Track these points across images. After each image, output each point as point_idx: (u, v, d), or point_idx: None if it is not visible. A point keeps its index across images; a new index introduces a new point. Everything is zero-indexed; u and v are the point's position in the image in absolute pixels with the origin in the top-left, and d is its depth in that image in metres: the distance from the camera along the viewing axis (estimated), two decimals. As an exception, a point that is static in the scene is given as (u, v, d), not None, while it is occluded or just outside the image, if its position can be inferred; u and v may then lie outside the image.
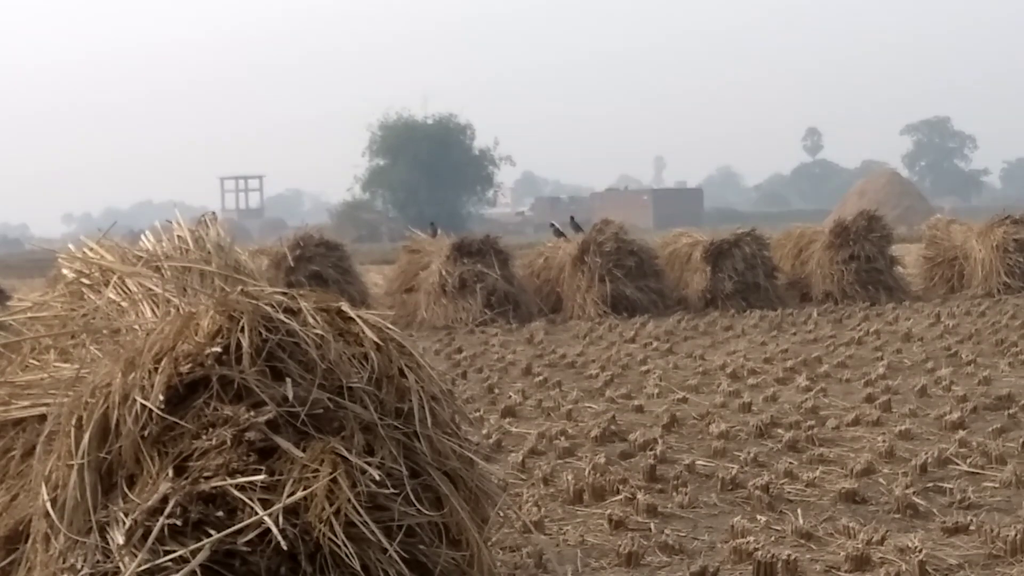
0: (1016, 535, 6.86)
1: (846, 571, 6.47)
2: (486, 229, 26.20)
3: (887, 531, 7.24)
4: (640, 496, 8.10)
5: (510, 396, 12.91)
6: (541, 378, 14.43)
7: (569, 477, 8.56)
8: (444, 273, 22.57)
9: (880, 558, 6.61)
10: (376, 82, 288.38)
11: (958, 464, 9.15)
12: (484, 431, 10.44)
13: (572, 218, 29.61)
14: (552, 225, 29.27)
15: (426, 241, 24.61)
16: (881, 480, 8.68)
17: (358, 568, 4.90)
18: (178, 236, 6.16)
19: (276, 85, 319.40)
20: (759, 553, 6.50)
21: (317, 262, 22.72)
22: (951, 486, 8.44)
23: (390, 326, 5.50)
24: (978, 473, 8.91)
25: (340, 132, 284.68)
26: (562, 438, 10.34)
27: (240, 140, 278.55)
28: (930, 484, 8.57)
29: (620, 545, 6.83)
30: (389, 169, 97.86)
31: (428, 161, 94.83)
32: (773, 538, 7.11)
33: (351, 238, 28.24)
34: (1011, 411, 11.35)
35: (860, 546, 6.78)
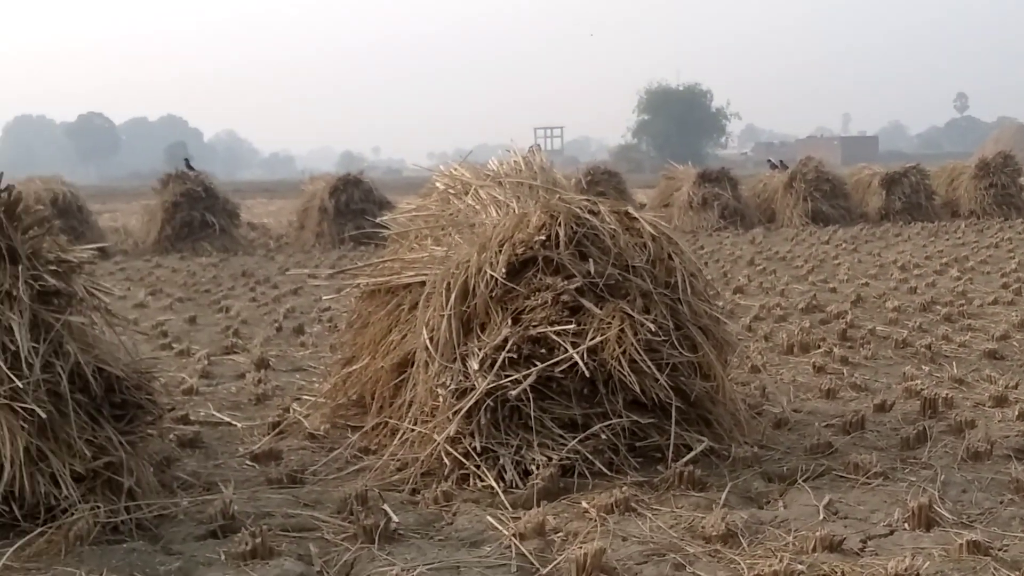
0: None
1: (989, 407, 6.22)
2: (719, 165, 25.75)
3: (1020, 379, 6.94)
4: (835, 350, 7.92)
5: (739, 279, 12.71)
6: (761, 267, 14.18)
7: (783, 335, 8.41)
8: (691, 193, 22.49)
9: (1015, 398, 6.34)
10: (643, 53, 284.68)
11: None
12: (720, 303, 10.33)
13: (776, 160, 29.14)
14: (769, 161, 28.98)
15: (679, 170, 24.39)
16: (1014, 343, 8.30)
17: (638, 391, 4.90)
18: (513, 161, 6.18)
19: (573, 53, 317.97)
20: (924, 392, 6.30)
21: (602, 184, 22.64)
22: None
23: (662, 224, 5.46)
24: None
25: (616, 92, 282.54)
26: (777, 309, 10.14)
27: (548, 98, 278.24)
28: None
29: (821, 384, 6.69)
30: (651, 122, 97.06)
31: (679, 116, 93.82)
32: (934, 382, 6.87)
33: (623, 170, 28.00)
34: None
35: (1000, 389, 6.51)
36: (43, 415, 4.07)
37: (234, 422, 6.17)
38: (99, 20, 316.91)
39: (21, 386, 4.06)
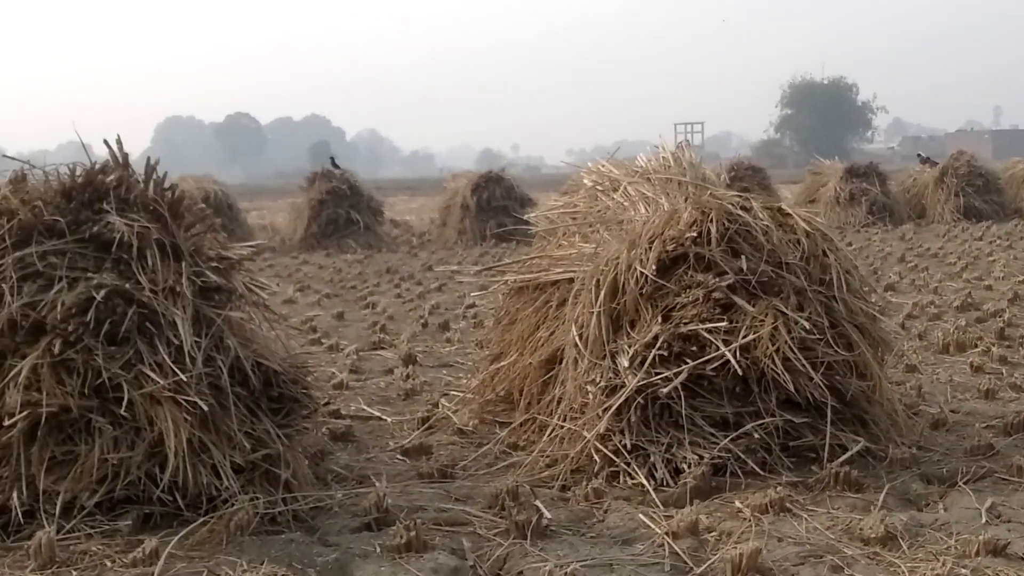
0: None
1: None
2: (865, 160, 25.22)
3: None
4: (994, 349, 7.70)
5: (889, 276, 12.45)
6: (912, 264, 13.86)
7: (938, 334, 8.19)
8: (838, 189, 22.10)
9: None
10: (784, 47, 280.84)
11: None
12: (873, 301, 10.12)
13: (924, 155, 28.39)
14: (919, 155, 28.25)
15: (826, 165, 23.97)
16: None
17: (792, 390, 4.83)
18: (662, 157, 6.15)
19: (713, 48, 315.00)
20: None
21: (746, 180, 22.34)
22: None
23: (817, 220, 5.38)
24: None
25: (757, 86, 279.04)
26: (931, 307, 9.91)
27: (688, 93, 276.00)
28: None
29: (979, 384, 6.50)
30: (794, 116, 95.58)
31: (823, 110, 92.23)
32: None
33: (766, 165, 27.64)
34: None
35: None
36: (205, 408, 4.18)
37: (384, 417, 6.26)
38: (245, 24, 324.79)
39: (185, 379, 4.19)
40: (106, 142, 4.59)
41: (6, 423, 4.12)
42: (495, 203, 20.64)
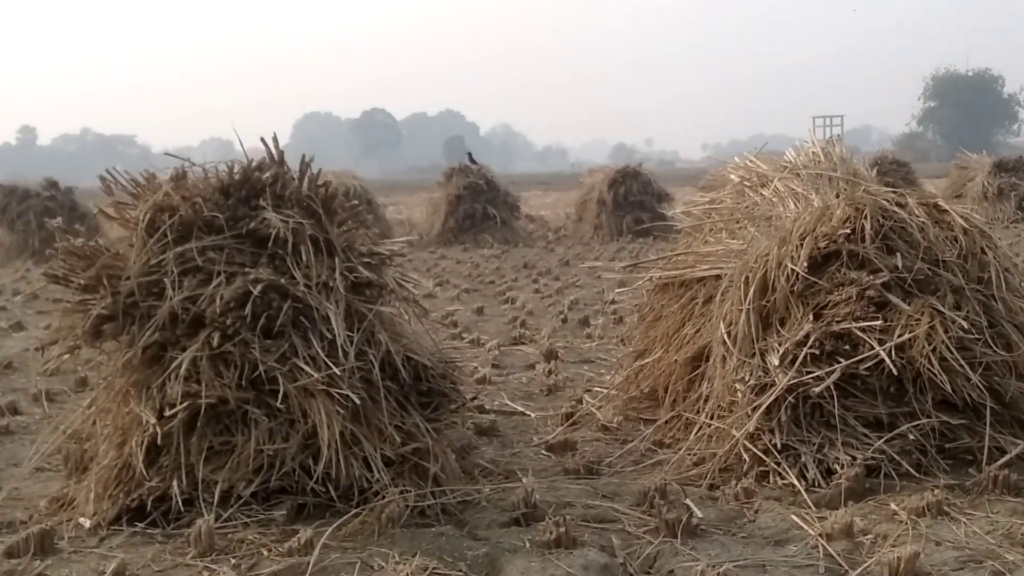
0: None
1: None
2: (1012, 154, 24.49)
3: None
4: None
5: (1041, 275, 12.08)
6: (1065, 262, 13.44)
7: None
8: (986, 184, 21.49)
9: None
10: (926, 39, 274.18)
11: None
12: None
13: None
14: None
15: (973, 159, 23.32)
16: None
17: (949, 390, 4.71)
18: (811, 152, 6.05)
19: (850, 40, 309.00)
20: None
21: (890, 175, 21.88)
22: None
23: (974, 216, 5.23)
24: None
25: (897, 79, 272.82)
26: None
27: (825, 86, 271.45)
28: None
29: None
30: (937, 109, 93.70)
31: (967, 103, 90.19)
32: None
33: (908, 159, 27.04)
34: None
35: None
36: (357, 401, 4.25)
37: (527, 412, 6.28)
38: (381, 21, 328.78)
39: (338, 373, 4.26)
40: (263, 140, 4.69)
41: (167, 413, 4.25)
42: (632, 198, 20.58)
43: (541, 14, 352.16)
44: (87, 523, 4.24)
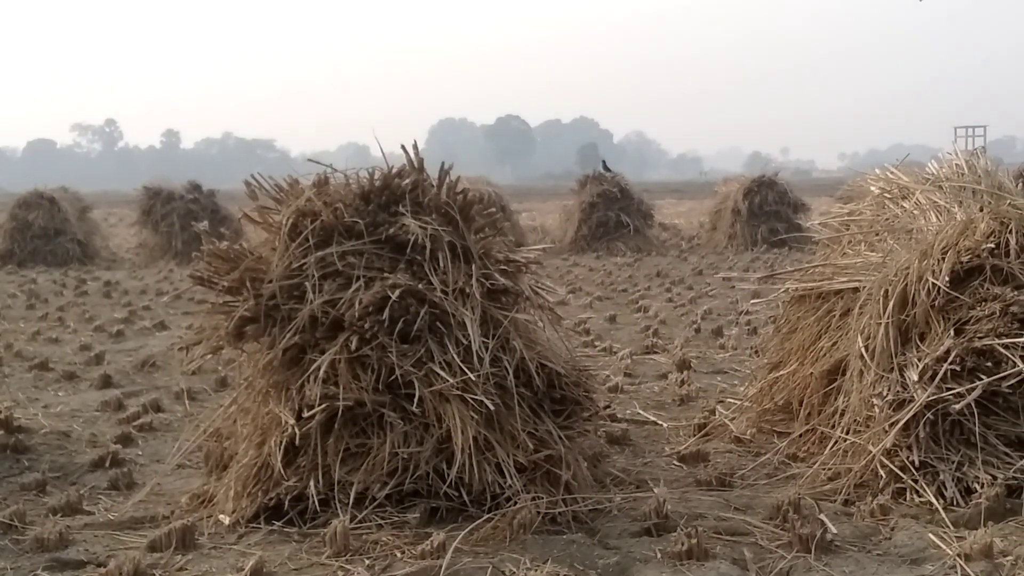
0: None
1: None
2: None
3: None
4: None
5: None
6: None
7: None
8: None
9: None
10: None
11: None
12: None
13: None
14: None
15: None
16: None
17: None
18: (955, 163, 5.92)
19: (998, 44, 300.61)
20: None
21: (1035, 187, 21.34)
22: None
23: None
24: None
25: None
26: None
27: (967, 95, 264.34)
28: None
29: None
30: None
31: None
32: None
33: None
34: None
35: None
36: (491, 407, 4.30)
37: (659, 422, 6.27)
38: (515, 27, 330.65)
39: (472, 379, 4.32)
40: (403, 147, 4.78)
41: (305, 415, 4.35)
42: (767, 208, 20.36)
43: (673, 20, 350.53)
44: (226, 520, 4.37)
